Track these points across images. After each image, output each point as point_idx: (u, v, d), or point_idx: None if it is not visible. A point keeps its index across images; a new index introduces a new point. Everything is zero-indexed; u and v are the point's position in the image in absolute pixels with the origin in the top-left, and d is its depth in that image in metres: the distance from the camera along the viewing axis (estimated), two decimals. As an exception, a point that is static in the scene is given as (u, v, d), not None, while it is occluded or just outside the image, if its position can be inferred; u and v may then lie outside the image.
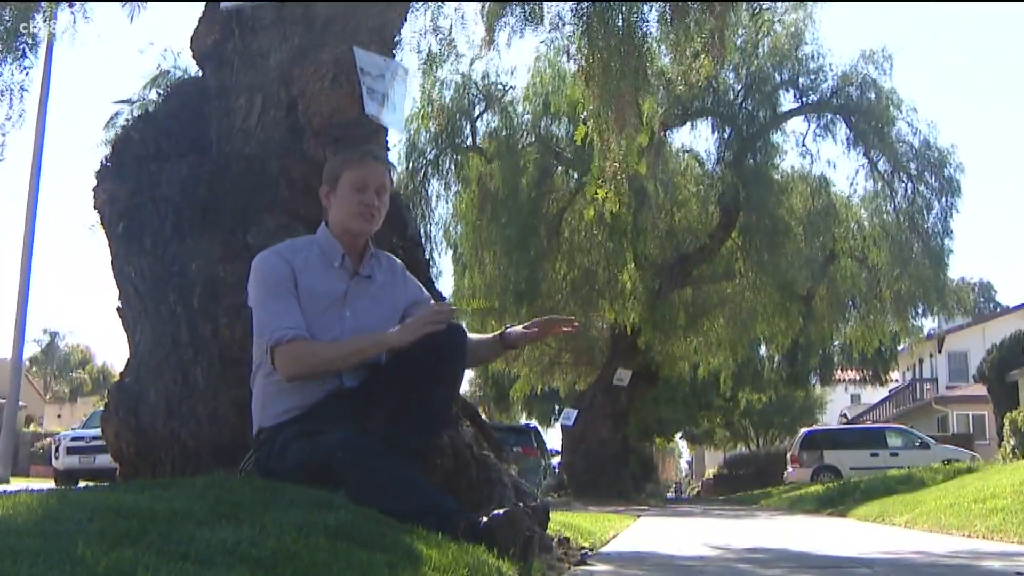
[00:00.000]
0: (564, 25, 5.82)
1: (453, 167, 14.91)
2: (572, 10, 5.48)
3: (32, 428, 30.07)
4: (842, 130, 14.42)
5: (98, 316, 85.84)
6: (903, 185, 14.38)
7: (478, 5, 6.35)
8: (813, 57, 14.35)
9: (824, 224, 14.52)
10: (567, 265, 14.74)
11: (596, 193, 7.92)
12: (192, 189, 2.87)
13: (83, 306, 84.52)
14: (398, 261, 2.65)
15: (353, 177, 2.47)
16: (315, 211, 2.98)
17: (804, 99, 14.67)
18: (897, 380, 31.35)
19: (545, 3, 5.92)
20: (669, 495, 31.06)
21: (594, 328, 17.44)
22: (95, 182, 2.96)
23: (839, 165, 39.58)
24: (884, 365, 24.77)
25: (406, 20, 3.71)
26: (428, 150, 14.65)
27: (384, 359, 2.40)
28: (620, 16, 5.02)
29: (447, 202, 15.24)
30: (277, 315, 2.35)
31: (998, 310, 34.08)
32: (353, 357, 2.36)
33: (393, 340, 2.34)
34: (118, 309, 2.96)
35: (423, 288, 2.67)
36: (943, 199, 14.21)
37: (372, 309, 2.48)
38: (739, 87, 14.59)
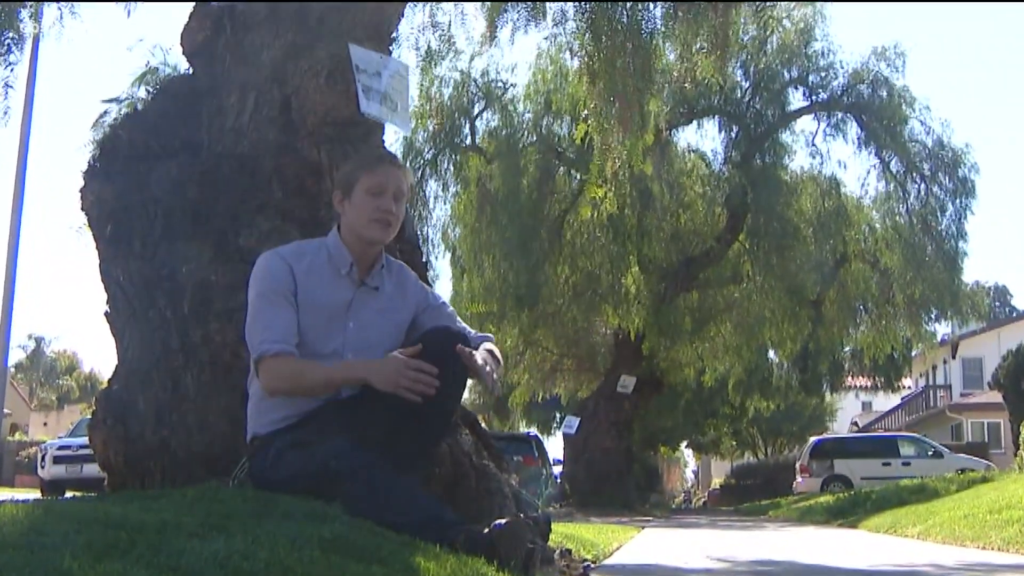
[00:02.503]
0: (567, 21, 5.77)
1: (452, 167, 14.75)
2: (575, 6, 5.41)
3: (17, 436, 29.68)
4: (853, 129, 14.24)
5: (86, 321, 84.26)
6: (916, 186, 14.15)
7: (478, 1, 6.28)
8: (823, 54, 14.16)
9: (834, 226, 14.30)
10: (569, 268, 14.62)
11: (595, 193, 7.83)
12: (182, 190, 2.82)
13: (70, 311, 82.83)
14: (409, 269, 2.58)
15: (370, 181, 2.37)
16: (309, 212, 2.91)
17: (814, 97, 14.48)
18: (910, 387, 31.13)
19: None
20: (684, 504, 30.80)
21: (597, 333, 17.35)
22: (82, 183, 2.92)
23: (850, 165, 38.68)
24: (896, 371, 24.58)
25: (403, 16, 3.65)
26: (426, 150, 14.45)
27: None
28: (624, 12, 4.95)
29: (445, 203, 15.12)
30: (266, 326, 2.28)
31: (1014, 315, 33.84)
32: (337, 385, 2.30)
33: (374, 379, 2.23)
34: (106, 314, 2.92)
35: (434, 294, 2.59)
36: (957, 200, 13.97)
37: (376, 322, 2.41)
38: (747, 85, 14.44)
